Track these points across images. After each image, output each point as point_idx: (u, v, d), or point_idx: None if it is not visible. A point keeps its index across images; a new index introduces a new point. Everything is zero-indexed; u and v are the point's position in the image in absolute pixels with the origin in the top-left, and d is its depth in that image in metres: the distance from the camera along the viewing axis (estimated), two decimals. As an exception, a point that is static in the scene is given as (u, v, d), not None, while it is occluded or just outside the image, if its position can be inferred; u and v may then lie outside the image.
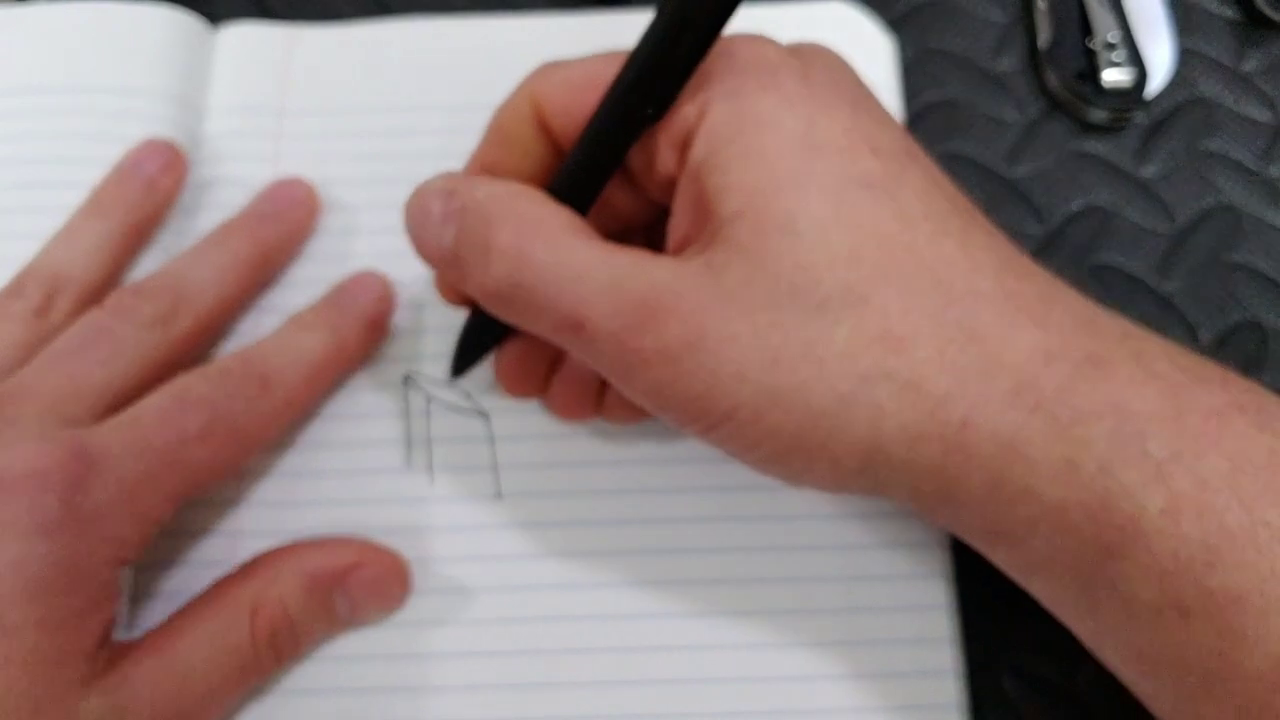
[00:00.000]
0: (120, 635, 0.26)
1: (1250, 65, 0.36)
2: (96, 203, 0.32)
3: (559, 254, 0.23)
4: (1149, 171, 0.35)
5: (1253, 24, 0.37)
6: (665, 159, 0.24)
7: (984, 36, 0.37)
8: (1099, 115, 0.35)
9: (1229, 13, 0.37)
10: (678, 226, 0.25)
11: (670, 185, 0.25)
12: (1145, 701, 0.23)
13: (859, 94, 0.24)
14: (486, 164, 0.27)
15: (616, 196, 0.27)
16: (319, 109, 0.35)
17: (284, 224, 0.32)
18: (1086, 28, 0.36)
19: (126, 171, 0.32)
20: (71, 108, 0.34)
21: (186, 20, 0.36)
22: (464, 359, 0.29)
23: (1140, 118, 0.36)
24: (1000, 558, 0.24)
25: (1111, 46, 0.35)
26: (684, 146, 0.24)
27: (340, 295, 0.31)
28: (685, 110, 0.24)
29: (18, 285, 0.30)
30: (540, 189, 0.25)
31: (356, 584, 0.28)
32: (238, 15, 0.37)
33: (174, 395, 0.27)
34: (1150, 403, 0.21)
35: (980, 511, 0.23)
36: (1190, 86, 0.36)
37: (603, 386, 0.29)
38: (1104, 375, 0.22)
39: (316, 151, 0.34)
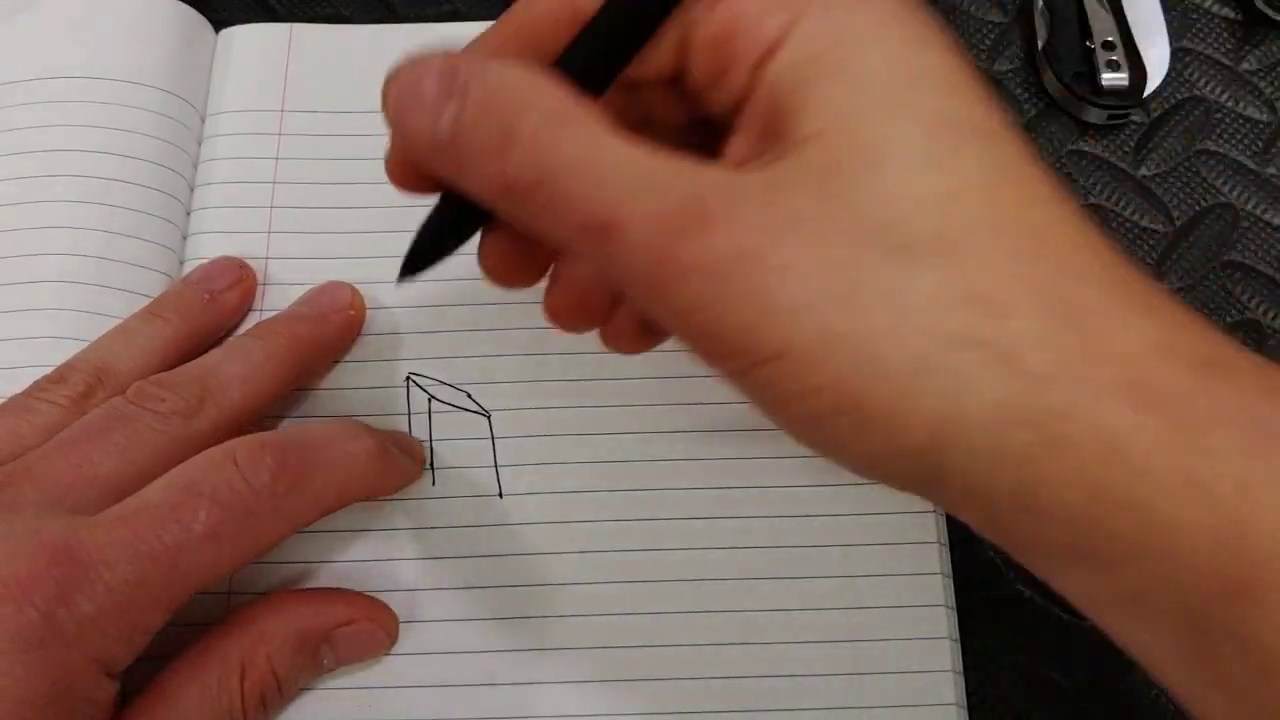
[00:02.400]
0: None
1: (1248, 64, 0.36)
2: (156, 306, 0.31)
3: (592, 148, 0.20)
4: (1147, 171, 0.35)
5: (1251, 23, 0.37)
6: (739, 75, 0.21)
7: (982, 36, 0.37)
8: (1097, 115, 0.35)
9: (1227, 12, 0.37)
10: (737, 148, 0.21)
11: (737, 105, 0.21)
12: None
13: (948, 36, 0.21)
14: (495, 48, 0.23)
15: (662, 105, 0.24)
16: (321, 109, 0.35)
17: (324, 326, 0.31)
18: (1084, 28, 0.36)
19: (193, 282, 0.32)
20: (79, 95, 0.34)
21: (192, 16, 0.36)
22: (422, 257, 0.23)
23: (1138, 117, 0.36)
24: (1075, 585, 0.20)
25: (1109, 46, 0.35)
26: (762, 62, 0.21)
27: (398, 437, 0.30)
28: (769, 22, 0.20)
29: (63, 372, 0.29)
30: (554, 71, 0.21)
31: (344, 639, 0.27)
32: (242, 18, 0.37)
33: (184, 487, 0.25)
34: None
35: (1066, 523, 0.18)
36: (1188, 86, 0.36)
37: (612, 296, 0.24)
38: (1229, 381, 0.18)
39: (317, 151, 0.34)
